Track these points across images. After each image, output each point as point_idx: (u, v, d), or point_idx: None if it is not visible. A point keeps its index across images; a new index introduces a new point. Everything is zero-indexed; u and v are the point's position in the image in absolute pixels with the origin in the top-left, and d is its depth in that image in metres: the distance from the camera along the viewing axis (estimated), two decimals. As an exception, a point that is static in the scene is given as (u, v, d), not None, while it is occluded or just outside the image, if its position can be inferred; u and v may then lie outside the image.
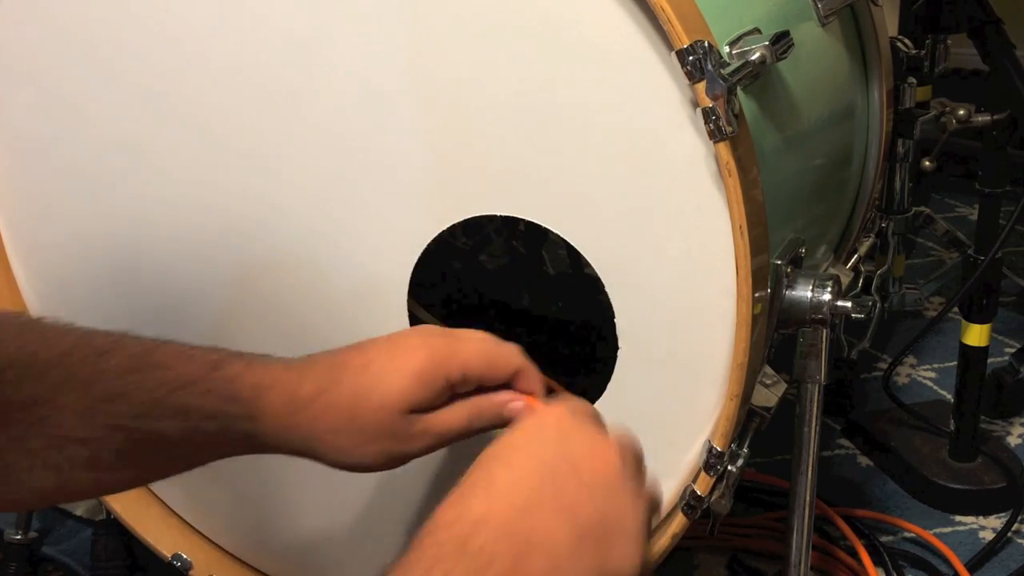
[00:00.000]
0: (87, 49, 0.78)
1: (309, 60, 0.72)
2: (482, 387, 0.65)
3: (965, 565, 1.00)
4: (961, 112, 1.04)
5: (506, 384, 0.65)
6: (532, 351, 0.77)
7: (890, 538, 1.05)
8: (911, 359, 1.39)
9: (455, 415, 0.65)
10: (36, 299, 0.88)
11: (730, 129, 0.62)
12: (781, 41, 0.67)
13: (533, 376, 0.65)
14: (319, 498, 0.86)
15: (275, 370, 0.64)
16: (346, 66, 0.71)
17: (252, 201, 0.78)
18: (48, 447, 0.59)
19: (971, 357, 1.09)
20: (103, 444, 0.61)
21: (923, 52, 1.09)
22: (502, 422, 0.65)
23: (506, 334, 0.72)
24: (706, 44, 0.61)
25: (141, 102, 0.78)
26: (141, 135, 0.79)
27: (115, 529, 1.00)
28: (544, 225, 0.71)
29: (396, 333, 0.66)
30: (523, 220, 0.71)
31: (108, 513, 0.97)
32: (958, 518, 1.10)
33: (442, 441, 0.65)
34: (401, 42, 0.70)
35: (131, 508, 0.92)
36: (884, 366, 1.29)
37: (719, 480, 0.69)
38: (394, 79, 0.70)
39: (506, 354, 0.65)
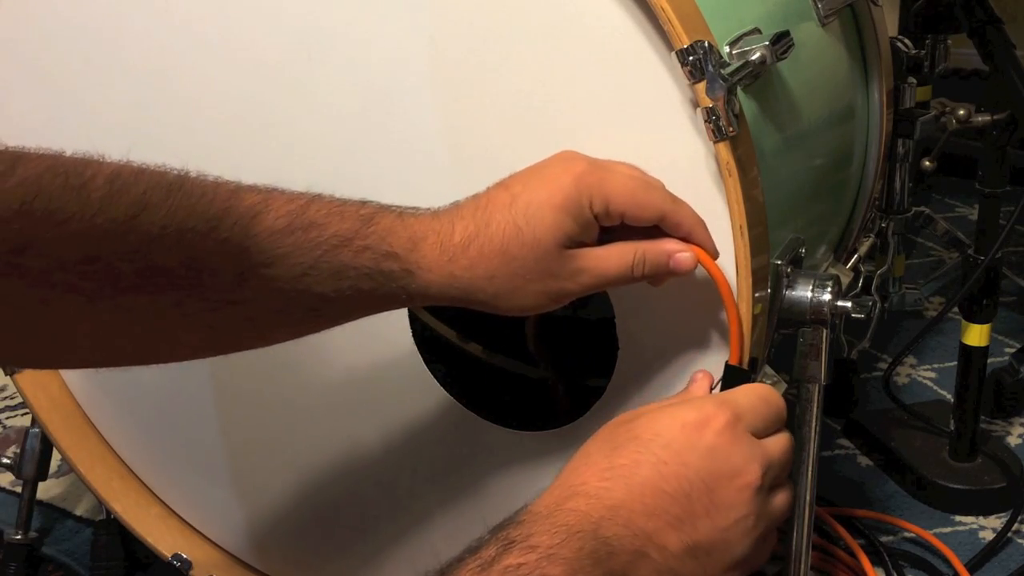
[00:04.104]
0: (94, 43, 0.78)
1: (320, 52, 0.72)
2: (632, 227, 0.63)
3: (965, 565, 1.00)
4: (961, 112, 1.03)
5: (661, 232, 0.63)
6: (532, 351, 0.77)
7: (890, 538, 1.05)
8: (911, 359, 1.39)
9: (617, 254, 0.63)
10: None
11: (730, 129, 0.62)
12: (781, 41, 0.67)
13: (686, 220, 0.63)
14: (319, 498, 0.86)
15: (426, 220, 0.63)
16: (358, 59, 0.71)
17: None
18: (204, 310, 0.58)
19: (971, 357, 1.09)
20: (260, 305, 0.60)
21: (923, 52, 1.09)
22: (668, 272, 0.63)
23: (506, 334, 0.72)
24: (706, 44, 0.61)
25: (149, 96, 0.78)
26: (148, 129, 0.79)
27: (115, 529, 1.00)
28: (544, 225, 0.70)
29: (538, 163, 0.65)
30: (523, 220, 0.71)
31: (108, 513, 0.97)
32: (958, 518, 1.09)
33: (604, 282, 0.64)
34: (411, 38, 0.70)
35: (131, 508, 0.92)
36: (884, 366, 1.29)
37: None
38: (407, 75, 0.71)
39: (652, 194, 0.63)
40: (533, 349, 0.77)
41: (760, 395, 0.61)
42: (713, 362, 0.68)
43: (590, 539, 0.51)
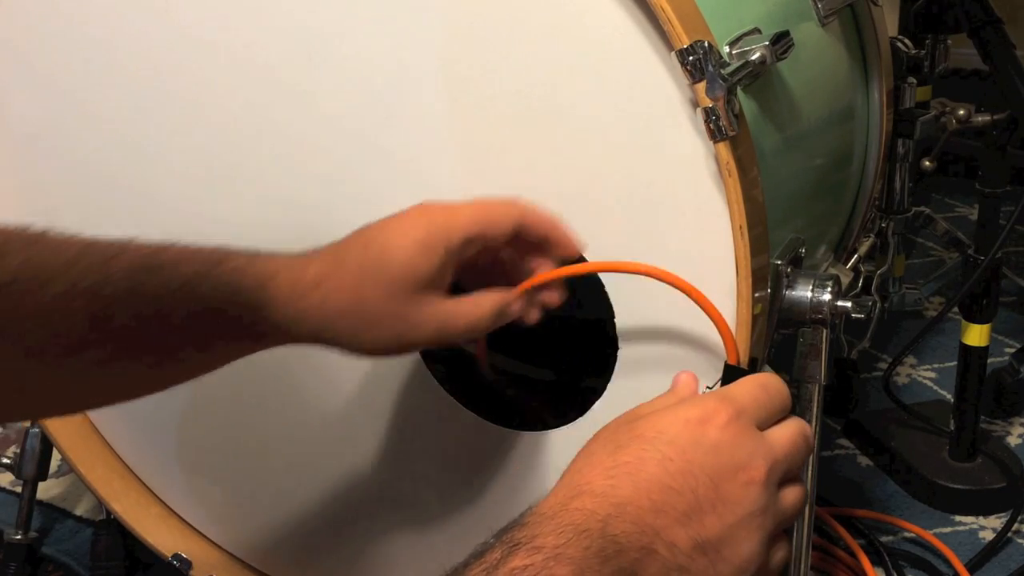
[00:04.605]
0: (94, 45, 0.78)
1: (323, 56, 0.72)
2: (492, 248, 0.65)
3: (965, 565, 1.00)
4: (961, 112, 1.04)
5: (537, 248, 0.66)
6: (532, 351, 0.77)
7: (890, 538, 1.05)
8: (911, 359, 1.39)
9: (476, 305, 0.65)
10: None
11: (730, 129, 0.62)
12: (781, 41, 0.67)
13: (541, 221, 0.65)
14: (319, 498, 0.86)
15: (278, 260, 0.64)
16: (360, 62, 0.71)
17: (264, 201, 0.78)
18: (59, 355, 0.59)
19: (971, 357, 1.09)
20: (117, 346, 0.61)
21: (923, 52, 1.09)
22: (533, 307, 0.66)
23: (507, 334, 0.72)
24: (706, 44, 0.61)
25: (149, 98, 0.78)
26: (149, 132, 0.79)
27: (115, 529, 1.00)
28: (544, 225, 0.71)
29: (395, 213, 0.66)
30: (523, 220, 0.71)
31: (108, 513, 0.97)
32: (958, 518, 1.09)
33: (450, 335, 0.65)
34: (410, 40, 0.70)
35: (131, 508, 0.92)
36: (884, 366, 1.29)
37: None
38: (407, 78, 0.71)
39: (499, 209, 0.65)
40: (531, 350, 0.77)
41: (760, 384, 0.61)
42: (713, 362, 0.67)
43: (597, 537, 0.51)
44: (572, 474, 0.55)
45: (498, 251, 0.67)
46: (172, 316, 0.61)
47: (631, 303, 0.70)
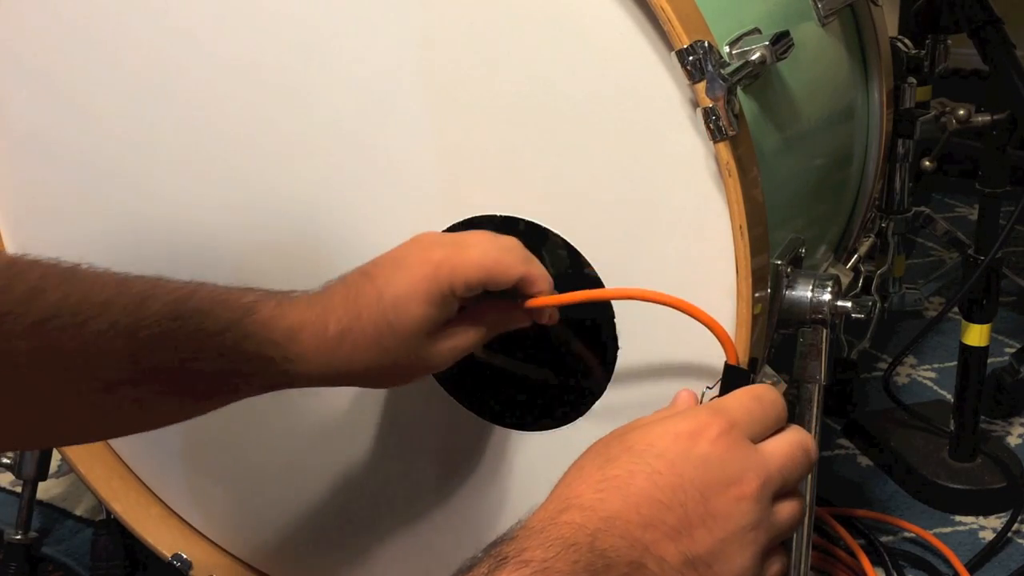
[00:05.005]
0: (92, 45, 0.78)
1: (315, 57, 0.72)
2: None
3: (965, 565, 1.00)
4: (961, 112, 1.03)
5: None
6: (532, 352, 0.77)
7: (890, 538, 1.05)
8: (911, 359, 1.39)
9: (472, 332, 0.70)
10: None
11: (730, 129, 0.62)
12: (781, 41, 0.67)
13: (539, 279, 0.68)
14: (319, 498, 0.86)
15: (302, 310, 0.66)
16: (352, 60, 0.71)
17: (257, 198, 0.78)
18: (97, 390, 0.61)
19: (971, 357, 1.09)
20: (149, 386, 0.63)
21: (923, 52, 1.09)
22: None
23: (507, 334, 0.72)
24: (706, 44, 0.61)
25: (146, 98, 0.78)
26: (146, 132, 0.79)
27: (115, 529, 1.00)
28: (544, 225, 0.71)
29: (397, 249, 0.69)
30: (523, 220, 0.71)
31: (108, 513, 0.97)
32: (958, 518, 1.09)
33: (463, 352, 0.70)
34: (408, 37, 0.70)
35: (131, 508, 0.92)
36: (884, 366, 1.29)
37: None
38: (401, 75, 0.71)
39: (506, 261, 0.67)
40: (531, 349, 0.77)
41: (753, 395, 0.60)
42: (713, 361, 0.67)
43: (586, 551, 0.50)
44: (562, 487, 0.55)
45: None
46: (204, 363, 0.64)
47: (631, 303, 0.70)
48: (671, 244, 0.68)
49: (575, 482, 0.55)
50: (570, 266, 0.70)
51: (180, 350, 0.62)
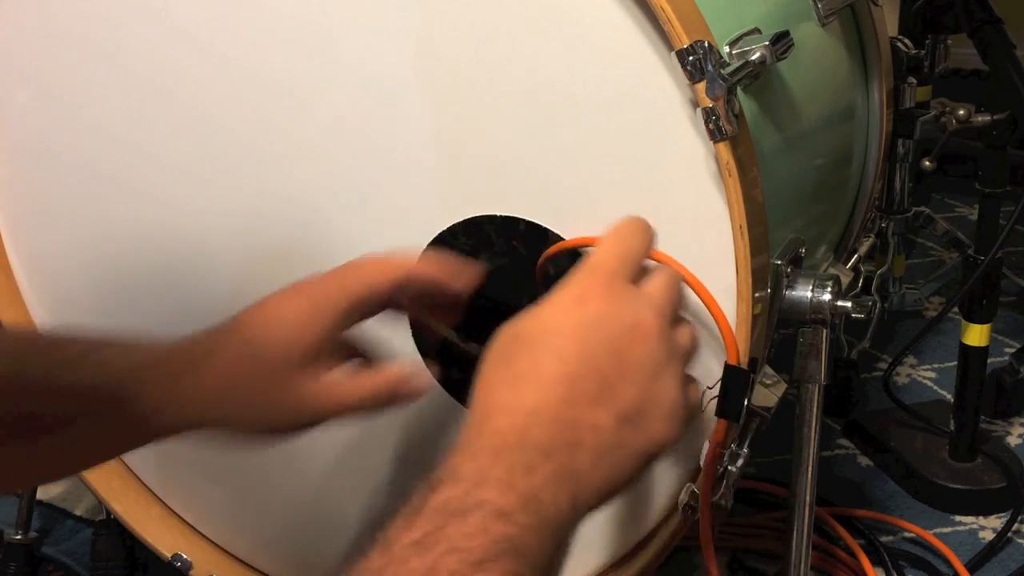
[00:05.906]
0: (90, 47, 0.78)
1: (316, 59, 0.72)
2: (391, 302, 0.66)
3: (965, 565, 1.00)
4: (961, 112, 1.03)
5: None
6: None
7: (890, 538, 1.05)
8: (911, 359, 1.39)
9: (354, 386, 0.65)
10: (38, 304, 0.88)
11: (730, 129, 0.62)
12: (781, 41, 0.67)
13: (429, 266, 0.67)
14: (319, 498, 0.86)
15: (154, 349, 0.64)
16: (353, 61, 0.71)
17: (256, 200, 0.78)
18: None
19: (971, 357, 1.09)
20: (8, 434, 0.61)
21: (923, 52, 1.09)
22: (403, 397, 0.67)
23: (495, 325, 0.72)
24: (706, 44, 0.61)
25: (146, 100, 0.78)
26: (145, 133, 0.79)
27: (115, 529, 1.00)
28: (544, 225, 0.71)
29: (273, 294, 0.66)
30: (523, 220, 0.71)
31: (108, 513, 0.97)
32: (958, 518, 1.09)
33: (342, 410, 0.66)
34: (408, 38, 0.70)
35: (131, 508, 0.92)
36: (884, 366, 1.29)
37: (719, 480, 0.69)
38: (401, 75, 0.71)
39: (385, 263, 0.66)
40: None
41: (615, 239, 0.59)
42: (713, 360, 0.67)
43: (518, 451, 0.49)
44: (476, 402, 0.53)
45: (399, 300, 0.68)
46: (55, 400, 0.61)
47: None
48: (671, 244, 0.68)
49: (488, 392, 0.53)
50: (570, 266, 0.70)
51: (30, 384, 0.61)
